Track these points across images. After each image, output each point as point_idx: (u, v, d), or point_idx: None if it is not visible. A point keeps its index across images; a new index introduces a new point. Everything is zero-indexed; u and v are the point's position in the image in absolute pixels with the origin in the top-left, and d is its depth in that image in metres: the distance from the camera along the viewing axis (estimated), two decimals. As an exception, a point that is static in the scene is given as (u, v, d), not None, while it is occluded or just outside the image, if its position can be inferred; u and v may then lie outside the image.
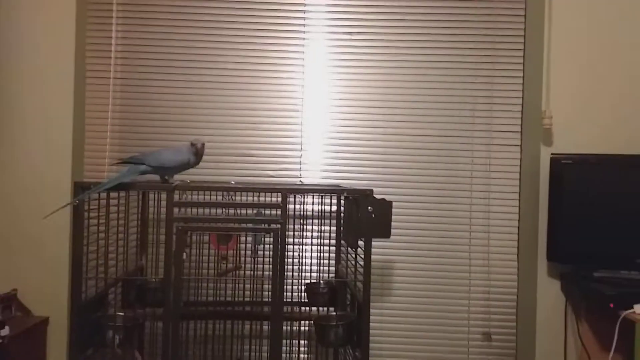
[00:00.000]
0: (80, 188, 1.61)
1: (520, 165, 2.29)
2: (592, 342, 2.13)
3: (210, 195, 2.10)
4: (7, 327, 1.95)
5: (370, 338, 2.23)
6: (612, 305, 1.86)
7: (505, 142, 2.30)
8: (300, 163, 2.31)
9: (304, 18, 2.32)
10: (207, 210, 2.09)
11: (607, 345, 2.06)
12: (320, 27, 2.32)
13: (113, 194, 1.82)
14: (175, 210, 1.64)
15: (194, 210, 2.09)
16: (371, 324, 2.23)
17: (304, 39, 2.32)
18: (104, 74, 2.32)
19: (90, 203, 1.67)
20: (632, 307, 1.82)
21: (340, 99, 2.32)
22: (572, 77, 2.25)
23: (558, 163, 2.11)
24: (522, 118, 2.29)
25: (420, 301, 2.29)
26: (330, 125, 2.32)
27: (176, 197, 1.65)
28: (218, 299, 2.15)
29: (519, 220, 2.28)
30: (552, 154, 2.14)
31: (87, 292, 1.65)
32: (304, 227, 2.26)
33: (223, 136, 2.32)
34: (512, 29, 2.29)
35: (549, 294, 2.24)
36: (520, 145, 2.29)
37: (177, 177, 1.81)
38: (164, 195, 2.10)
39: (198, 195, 2.10)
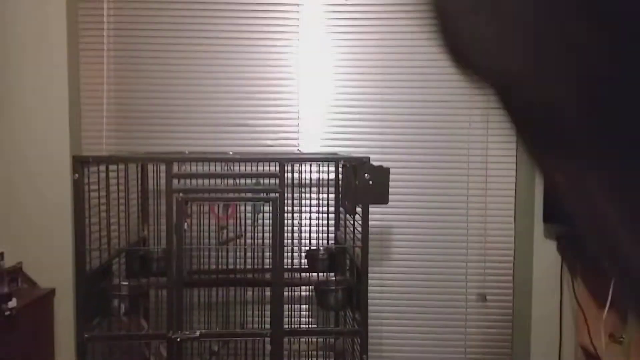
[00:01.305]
0: (79, 162, 1.62)
1: (517, 129, 2.29)
2: (588, 300, 2.18)
3: (209, 166, 2.11)
4: (14, 299, 2.00)
5: (370, 301, 2.28)
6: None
7: (502, 105, 2.29)
8: (297, 132, 2.32)
9: (298, -17, 2.28)
10: (206, 181, 2.11)
11: (602, 303, 2.11)
12: (314, -8, 2.28)
13: (112, 167, 1.83)
14: (175, 181, 1.65)
15: (193, 181, 2.11)
16: (370, 288, 2.27)
17: (298, 4, 2.29)
18: (98, 47, 2.30)
19: (90, 176, 1.69)
20: (627, 266, 1.85)
21: (336, 66, 2.30)
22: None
23: (554, 125, 2.11)
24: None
25: (418, 265, 2.33)
26: (327, 93, 2.31)
27: (175, 168, 1.66)
28: (220, 267, 2.19)
29: (515, 183, 2.30)
30: (548, 116, 2.14)
31: (91, 263, 1.68)
32: (303, 195, 2.28)
33: (219, 106, 2.31)
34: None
35: (545, 254, 2.28)
36: (517, 109, 2.29)
37: (175, 150, 1.82)
38: (163, 167, 2.12)
39: (197, 166, 2.12)
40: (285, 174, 1.66)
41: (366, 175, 1.64)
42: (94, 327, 1.69)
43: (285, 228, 1.69)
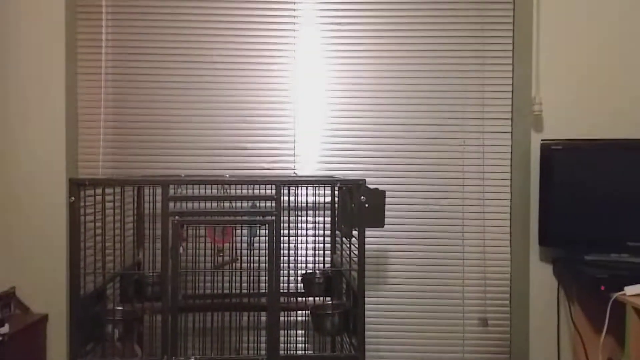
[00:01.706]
0: (75, 184, 1.62)
1: (511, 152, 2.31)
2: (585, 324, 2.17)
3: (205, 189, 2.11)
4: (6, 325, 1.97)
5: (367, 326, 2.26)
6: (603, 287, 1.89)
7: (496, 129, 2.32)
8: (293, 155, 2.33)
9: (294, 9, 2.32)
10: (202, 204, 2.11)
11: (599, 327, 2.10)
12: (311, 17, 2.32)
13: (108, 190, 1.83)
14: (171, 204, 1.65)
15: (189, 204, 2.10)
16: (367, 312, 2.27)
17: (294, 30, 2.32)
18: (95, 70, 2.32)
19: (86, 199, 1.68)
20: (623, 289, 1.85)
21: (332, 90, 2.33)
22: (561, 64, 2.27)
23: (548, 149, 2.13)
24: (512, 105, 2.31)
25: (415, 289, 2.32)
26: (323, 117, 2.33)
27: (171, 191, 1.66)
28: (215, 291, 2.17)
29: (510, 207, 2.31)
30: (542, 140, 2.17)
31: (85, 288, 1.67)
32: (299, 218, 2.28)
33: (216, 130, 2.32)
34: (501, 16, 2.31)
35: (542, 278, 2.28)
36: (511, 132, 2.31)
37: (171, 173, 1.82)
38: (158, 191, 2.12)
39: (193, 189, 2.12)
40: (282, 197, 1.66)
41: (362, 197, 1.64)
42: (87, 353, 1.67)
43: (281, 252, 1.68)
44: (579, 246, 2.11)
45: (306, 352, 2.27)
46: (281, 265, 1.67)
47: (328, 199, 2.25)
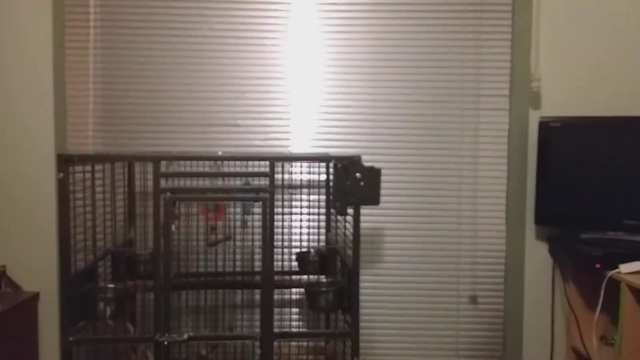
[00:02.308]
0: (64, 160, 1.58)
1: (508, 129, 2.29)
2: (579, 302, 2.18)
3: (198, 166, 2.08)
4: (-3, 303, 1.95)
5: (361, 304, 2.26)
6: (598, 265, 1.90)
7: (493, 106, 2.29)
8: (288, 132, 2.29)
9: (288, -18, 2.26)
10: (194, 182, 2.08)
11: (593, 305, 2.11)
12: (305, -9, 2.27)
13: (98, 166, 1.79)
14: (162, 181, 1.62)
15: (182, 181, 2.07)
16: (361, 290, 2.27)
17: (288, 3, 2.27)
18: (84, 44, 2.26)
19: (75, 176, 1.65)
20: (618, 267, 1.85)
21: (326, 66, 2.28)
22: (560, 40, 2.23)
23: (546, 126, 2.11)
24: (510, 82, 2.28)
25: (410, 267, 2.31)
26: (318, 93, 2.29)
27: (162, 168, 1.63)
28: (208, 269, 2.16)
29: (507, 184, 2.29)
30: (540, 117, 2.14)
31: (76, 265, 1.64)
32: (293, 196, 2.26)
33: (208, 106, 2.28)
34: (500, -9, 2.26)
35: (537, 256, 2.28)
36: (509, 109, 2.28)
37: (163, 150, 1.79)
38: (150, 168, 2.08)
39: (185, 166, 2.09)
40: (275, 175, 1.64)
41: (357, 174, 1.62)
42: (79, 331, 1.65)
43: (275, 230, 1.66)
44: (575, 224, 2.10)
45: (300, 329, 2.27)
46: (275, 243, 1.66)
47: (322, 177, 2.22)
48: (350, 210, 1.68)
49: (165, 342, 1.63)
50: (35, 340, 2.23)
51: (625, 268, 1.85)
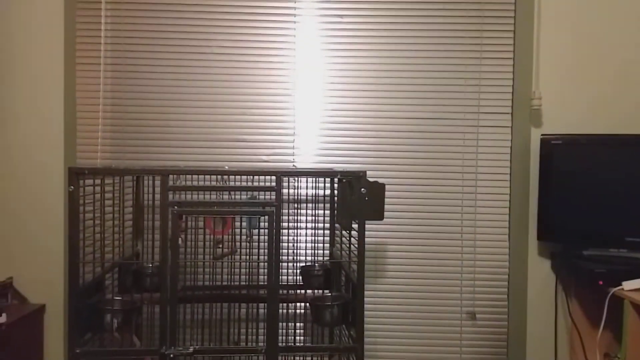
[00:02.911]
0: (74, 174, 1.61)
1: (510, 147, 2.32)
2: (582, 319, 2.18)
3: (205, 181, 2.11)
4: (4, 315, 1.97)
5: (365, 319, 2.27)
6: (601, 282, 1.90)
7: (495, 123, 2.32)
8: (293, 147, 2.32)
9: (295, 1, 2.31)
10: (201, 196, 2.11)
11: (596, 322, 2.11)
12: (311, 9, 2.32)
13: (107, 180, 1.82)
14: (170, 195, 1.65)
15: (189, 196, 2.10)
16: (365, 305, 2.27)
17: (294, 22, 2.32)
18: (95, 60, 2.31)
19: (85, 189, 1.68)
20: (621, 284, 1.86)
21: (332, 83, 2.32)
22: (561, 58, 2.27)
23: (548, 144, 2.14)
24: (512, 100, 2.31)
25: (413, 282, 2.32)
26: (323, 109, 2.33)
27: (170, 182, 1.65)
28: (214, 283, 2.17)
29: (509, 201, 2.31)
30: (542, 134, 2.17)
31: (84, 277, 1.66)
32: (298, 210, 2.28)
33: (215, 121, 2.32)
34: (502, 10, 2.30)
35: (540, 273, 2.29)
36: (511, 127, 2.31)
37: (170, 164, 1.82)
38: (157, 182, 2.11)
39: (192, 180, 2.12)
40: (282, 188, 1.66)
41: (362, 189, 1.64)
42: (85, 343, 1.66)
43: (281, 244, 1.68)
44: (578, 241, 2.12)
45: (305, 343, 2.27)
46: (280, 257, 1.67)
47: (327, 192, 2.25)
48: (354, 225, 1.70)
49: (171, 355, 1.64)
50: (41, 353, 2.24)
51: (628, 285, 1.85)
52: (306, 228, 2.28)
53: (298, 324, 2.29)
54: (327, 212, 2.25)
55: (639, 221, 2.05)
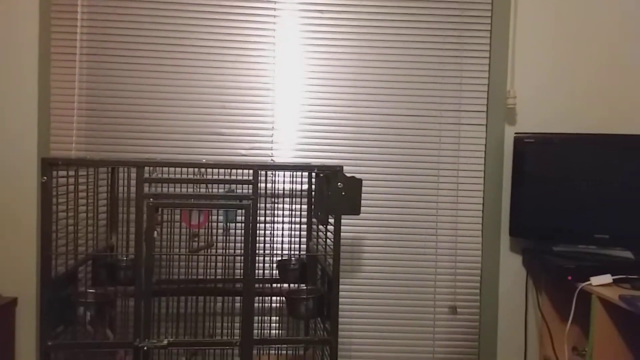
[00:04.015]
0: (48, 164, 1.59)
1: (485, 144, 2.36)
2: (552, 313, 2.23)
3: (182, 174, 2.10)
4: (-27, 307, 1.93)
5: (340, 312, 2.29)
6: (570, 277, 1.95)
7: (471, 121, 2.36)
8: (272, 142, 2.33)
9: (275, -4, 2.31)
10: (178, 189, 2.10)
11: (565, 316, 2.17)
12: (292, 4, 2.32)
13: (82, 172, 1.80)
14: (146, 188, 1.64)
15: (165, 189, 2.09)
16: (341, 299, 2.29)
17: (274, 16, 2.32)
18: (70, 50, 2.27)
19: (58, 180, 1.66)
20: (589, 280, 1.91)
21: (311, 78, 2.33)
22: (536, 59, 2.32)
23: (521, 142, 2.18)
24: (487, 98, 2.35)
25: (389, 276, 2.35)
26: (302, 105, 2.33)
27: (146, 175, 1.64)
28: (190, 277, 2.17)
29: (483, 197, 2.35)
30: (515, 133, 2.22)
31: (57, 269, 1.64)
32: (275, 205, 2.29)
33: (193, 115, 2.30)
34: (480, 9, 2.34)
35: (511, 268, 2.34)
36: (486, 125, 2.35)
37: (145, 157, 1.80)
38: (133, 175, 2.09)
39: (169, 174, 2.10)
40: (259, 182, 1.67)
41: (339, 184, 1.66)
42: (57, 335, 1.65)
43: (257, 238, 1.68)
44: (548, 237, 2.17)
45: (280, 336, 2.28)
46: (257, 251, 1.68)
47: (305, 187, 2.26)
48: (331, 220, 1.71)
49: (145, 348, 1.64)
50: (12, 345, 2.21)
51: (596, 280, 1.90)
52: (283, 222, 2.28)
53: (274, 318, 2.30)
54: (305, 207, 2.26)
55: (607, 219, 2.11)
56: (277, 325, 2.31)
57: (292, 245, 2.26)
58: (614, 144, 2.12)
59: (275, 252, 2.27)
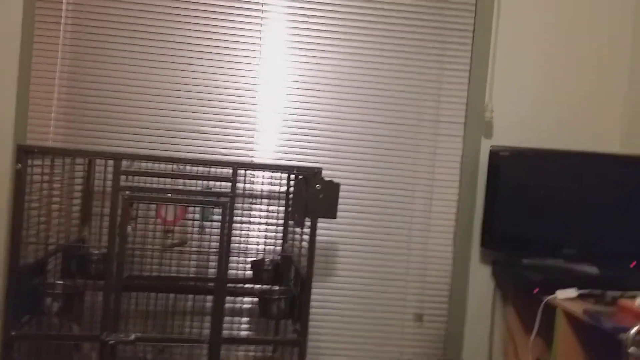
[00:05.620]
0: (23, 151, 1.57)
1: (462, 155, 2.40)
2: (517, 325, 2.27)
3: (160, 169, 2.09)
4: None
5: (311, 315, 2.29)
6: (536, 290, 1.98)
7: (448, 132, 2.40)
8: (252, 143, 2.33)
9: (263, -2, 2.33)
10: (155, 184, 2.09)
11: (530, 328, 2.20)
12: (279, 7, 2.33)
13: (58, 161, 1.78)
14: (122, 181, 1.63)
15: (142, 185, 2.08)
16: (312, 302, 2.30)
17: (262, 17, 2.33)
18: (53, 40, 2.24)
19: (33, 169, 1.64)
20: (555, 293, 1.95)
21: (295, 81, 2.35)
22: (515, 74, 2.38)
23: (496, 155, 2.23)
24: (466, 110, 2.40)
25: (360, 281, 2.37)
26: (285, 107, 2.35)
27: (124, 167, 1.63)
28: (162, 273, 2.15)
29: (457, 208, 2.39)
30: (491, 145, 2.26)
31: (26, 258, 1.62)
32: (253, 205, 2.29)
33: (174, 111, 2.30)
34: (462, 23, 2.39)
35: (481, 278, 2.38)
36: (463, 136, 2.40)
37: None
38: (110, 168, 2.07)
39: (147, 169, 2.09)
40: (237, 183, 1.67)
41: (317, 185, 1.67)
42: (22, 325, 1.62)
43: (232, 238, 1.68)
44: (518, 250, 2.21)
45: (249, 336, 2.27)
46: (231, 250, 1.68)
47: (283, 189, 2.27)
48: (307, 222, 1.72)
49: (112, 342, 1.62)
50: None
51: (561, 294, 1.93)
52: (259, 223, 2.29)
53: (244, 319, 2.29)
54: (282, 208, 2.26)
55: (575, 234, 2.17)
56: (248, 326, 2.30)
57: (267, 248, 2.26)
58: (586, 161, 2.18)
59: (249, 252, 2.27)
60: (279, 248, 2.24)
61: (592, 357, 1.90)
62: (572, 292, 1.92)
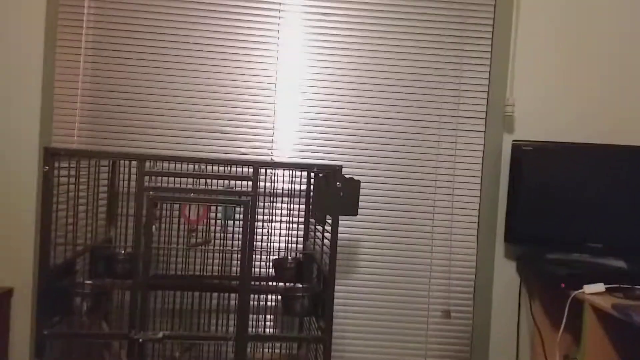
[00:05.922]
0: (50, 154, 1.61)
1: (483, 150, 2.38)
2: (544, 320, 2.25)
3: (182, 169, 2.12)
4: (-30, 295, 1.94)
5: (335, 312, 2.30)
6: (563, 285, 1.96)
7: (470, 127, 2.38)
8: (272, 142, 2.34)
9: (280, -2, 2.34)
10: (178, 184, 2.12)
11: (557, 323, 2.18)
12: (296, 6, 2.34)
13: (83, 163, 1.81)
14: (146, 182, 1.65)
15: (165, 184, 2.11)
16: (336, 299, 2.31)
17: (279, 17, 2.34)
18: (76, 43, 2.29)
19: (60, 171, 1.67)
20: (582, 288, 1.92)
21: (313, 80, 2.35)
22: (536, 68, 2.35)
23: (519, 149, 2.21)
24: (487, 105, 2.37)
25: (384, 278, 2.37)
26: (303, 105, 2.35)
27: (147, 168, 1.66)
28: (187, 272, 2.18)
29: (479, 203, 2.37)
30: (513, 140, 2.24)
31: (55, 259, 1.66)
32: (274, 204, 2.30)
33: (195, 112, 2.32)
34: (482, 17, 2.37)
35: (505, 274, 2.35)
36: (485, 131, 2.38)
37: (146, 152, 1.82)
38: (134, 170, 2.11)
39: (169, 169, 2.12)
40: (258, 180, 1.68)
41: (338, 183, 1.67)
42: (53, 325, 1.66)
43: (255, 236, 1.70)
44: (542, 245, 2.19)
45: (274, 334, 2.29)
46: (254, 248, 1.69)
47: (304, 187, 2.28)
48: (328, 220, 1.73)
49: (140, 340, 1.65)
50: (7, 335, 2.21)
51: (589, 289, 1.91)
52: (281, 221, 2.30)
53: (269, 316, 2.31)
54: (303, 206, 2.27)
55: (601, 228, 2.14)
56: (272, 323, 2.32)
57: (289, 245, 2.27)
58: (610, 155, 2.14)
59: (272, 250, 2.29)
60: (300, 246, 2.25)
61: (621, 352, 1.87)
62: (599, 287, 1.90)
